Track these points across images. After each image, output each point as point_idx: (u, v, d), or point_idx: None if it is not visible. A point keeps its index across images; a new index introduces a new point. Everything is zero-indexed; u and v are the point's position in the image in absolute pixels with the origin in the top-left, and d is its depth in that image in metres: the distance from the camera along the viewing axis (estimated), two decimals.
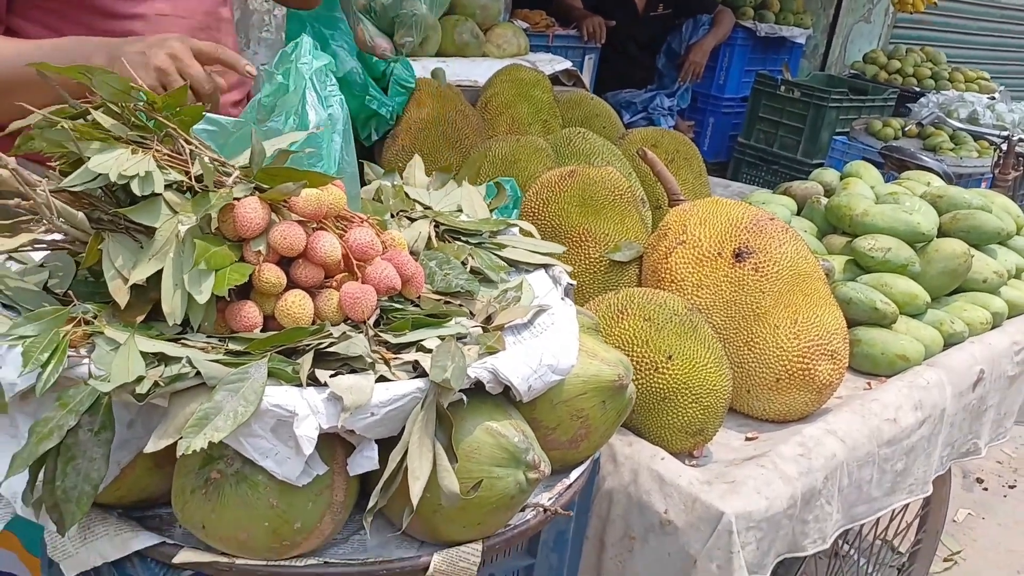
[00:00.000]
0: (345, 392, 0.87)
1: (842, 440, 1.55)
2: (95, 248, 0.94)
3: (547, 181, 1.85)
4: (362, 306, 0.99)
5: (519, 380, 1.00)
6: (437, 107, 2.34)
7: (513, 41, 3.25)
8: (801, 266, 1.65)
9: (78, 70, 0.95)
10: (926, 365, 1.86)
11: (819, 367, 1.58)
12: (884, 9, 6.47)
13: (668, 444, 1.47)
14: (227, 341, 0.93)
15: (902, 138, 4.38)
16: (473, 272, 1.22)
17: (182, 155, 1.01)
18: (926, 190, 2.41)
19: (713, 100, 5.74)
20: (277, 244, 0.97)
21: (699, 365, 1.46)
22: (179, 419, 0.84)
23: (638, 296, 1.54)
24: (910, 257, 2.02)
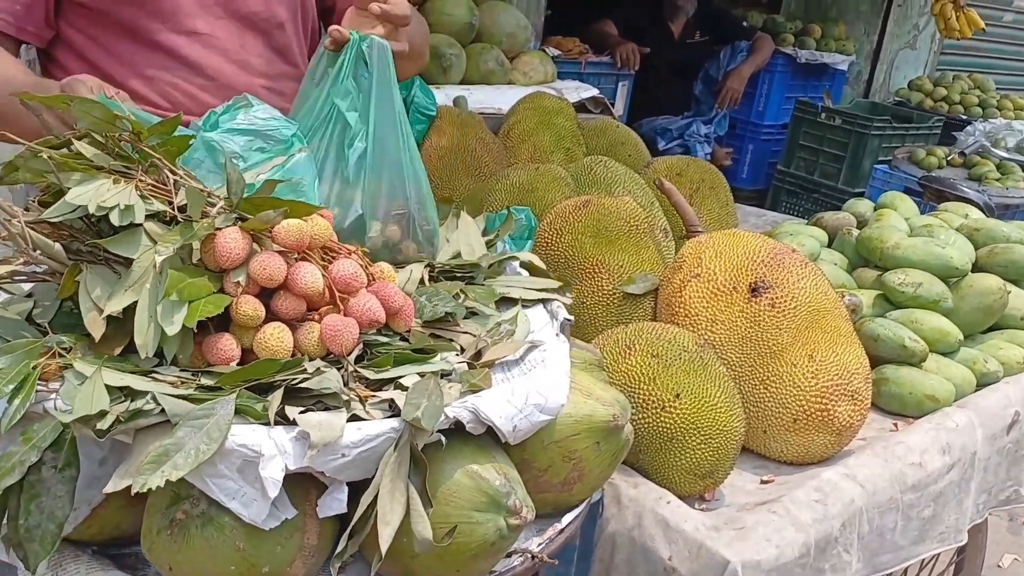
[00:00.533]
0: (313, 428, 0.84)
1: (861, 485, 1.48)
2: (71, 280, 0.93)
3: (561, 211, 1.81)
4: (343, 340, 0.97)
5: (502, 420, 0.96)
6: (457, 135, 2.32)
7: (540, 69, 3.24)
8: (820, 302, 1.58)
9: (62, 99, 0.94)
10: (956, 406, 1.77)
11: (838, 408, 1.51)
12: (930, 35, 6.34)
13: (676, 486, 1.42)
14: (200, 375, 0.91)
15: (946, 167, 4.26)
16: (463, 305, 1.19)
17: (167, 185, 1.00)
18: (963, 222, 2.32)
19: (752, 127, 5.67)
20: (256, 275, 0.95)
21: (708, 404, 1.40)
22: (141, 458, 0.82)
23: (646, 331, 1.49)
24: (942, 292, 1.94)
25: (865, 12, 6.03)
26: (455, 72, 2.92)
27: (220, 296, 0.92)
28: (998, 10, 6.74)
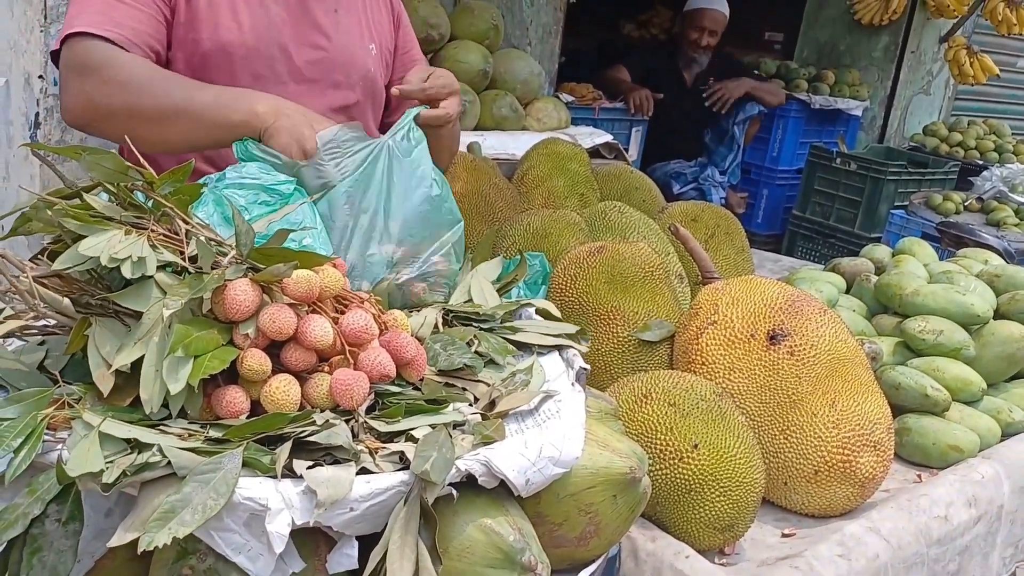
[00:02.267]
0: (321, 485, 0.82)
1: (886, 539, 1.44)
2: (80, 334, 0.92)
3: (575, 257, 1.80)
4: (353, 394, 0.95)
5: (515, 473, 0.94)
6: (471, 181, 2.32)
7: (554, 115, 3.26)
8: (840, 350, 1.56)
9: (74, 150, 0.94)
10: (981, 457, 1.73)
11: (861, 459, 1.48)
12: (944, 81, 6.36)
13: (695, 540, 1.38)
14: (208, 427, 0.90)
15: (963, 212, 4.23)
16: (479, 355, 1.17)
17: (178, 235, 0.99)
18: (983, 269, 2.29)
19: (767, 172, 5.67)
20: (266, 328, 0.94)
21: (727, 455, 1.37)
22: (147, 511, 0.81)
23: (663, 379, 1.47)
24: (964, 340, 1.91)
25: (878, 58, 6.06)
26: (469, 118, 2.94)
27: (226, 350, 0.91)
28: (1012, 56, 6.76)
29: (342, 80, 1.74)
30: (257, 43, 1.60)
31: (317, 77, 1.70)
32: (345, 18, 1.76)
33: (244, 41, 1.58)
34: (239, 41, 1.58)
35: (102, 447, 0.83)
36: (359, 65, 1.77)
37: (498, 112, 3.08)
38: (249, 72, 1.60)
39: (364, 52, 1.79)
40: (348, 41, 1.75)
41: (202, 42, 1.56)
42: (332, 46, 1.71)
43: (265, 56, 1.61)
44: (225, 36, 1.57)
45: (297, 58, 1.66)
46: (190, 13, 1.55)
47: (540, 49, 4.06)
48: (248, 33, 1.59)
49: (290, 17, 1.65)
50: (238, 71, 1.59)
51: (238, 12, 1.59)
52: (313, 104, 1.69)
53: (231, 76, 1.59)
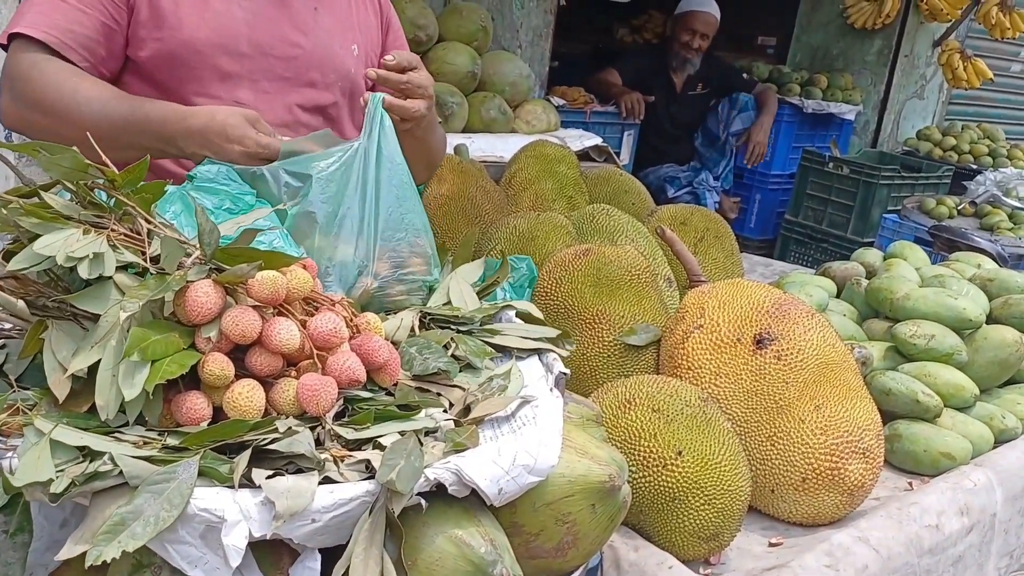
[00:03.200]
0: (280, 496, 0.78)
1: (875, 549, 1.40)
2: (35, 338, 0.88)
3: (561, 260, 1.77)
4: (319, 400, 0.92)
5: (487, 482, 0.90)
6: (458, 183, 2.29)
7: (543, 117, 3.23)
8: (828, 354, 1.52)
9: (32, 147, 0.91)
10: (973, 465, 1.69)
11: (850, 466, 1.45)
12: (938, 85, 6.34)
13: (679, 549, 1.34)
14: (166, 435, 0.86)
15: (957, 217, 4.21)
16: (456, 359, 1.14)
17: (140, 235, 0.96)
18: (976, 273, 2.26)
19: (759, 176, 5.65)
20: (229, 331, 0.91)
21: (712, 463, 1.34)
22: (97, 522, 0.77)
23: (647, 384, 1.44)
24: (955, 345, 1.87)
25: (871, 62, 6.05)
26: (457, 120, 2.91)
27: (186, 354, 0.88)
28: (1006, 60, 6.75)
29: (318, 79, 1.71)
30: (226, 40, 1.57)
31: (291, 75, 1.67)
32: (325, 17, 1.73)
33: (210, 39, 1.55)
34: (205, 39, 1.54)
35: (53, 455, 0.80)
36: (337, 65, 1.73)
37: (487, 114, 3.05)
38: (216, 70, 1.57)
39: (344, 52, 1.75)
40: (327, 40, 1.72)
41: (166, 40, 1.52)
42: (309, 44, 1.68)
43: (233, 53, 1.58)
44: (190, 34, 1.53)
45: (271, 55, 1.63)
46: (152, 11, 1.52)
47: (530, 52, 4.04)
48: (216, 31, 1.56)
49: (267, 14, 1.62)
50: (205, 69, 1.56)
51: (206, 9, 1.55)
52: (285, 101, 1.66)
53: (197, 74, 1.55)
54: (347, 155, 1.28)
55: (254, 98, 1.61)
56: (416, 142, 1.63)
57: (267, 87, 1.61)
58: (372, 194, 1.26)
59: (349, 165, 1.28)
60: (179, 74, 1.52)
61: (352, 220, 1.24)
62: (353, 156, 1.28)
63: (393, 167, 1.26)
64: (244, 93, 1.60)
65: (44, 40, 1.43)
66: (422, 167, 1.84)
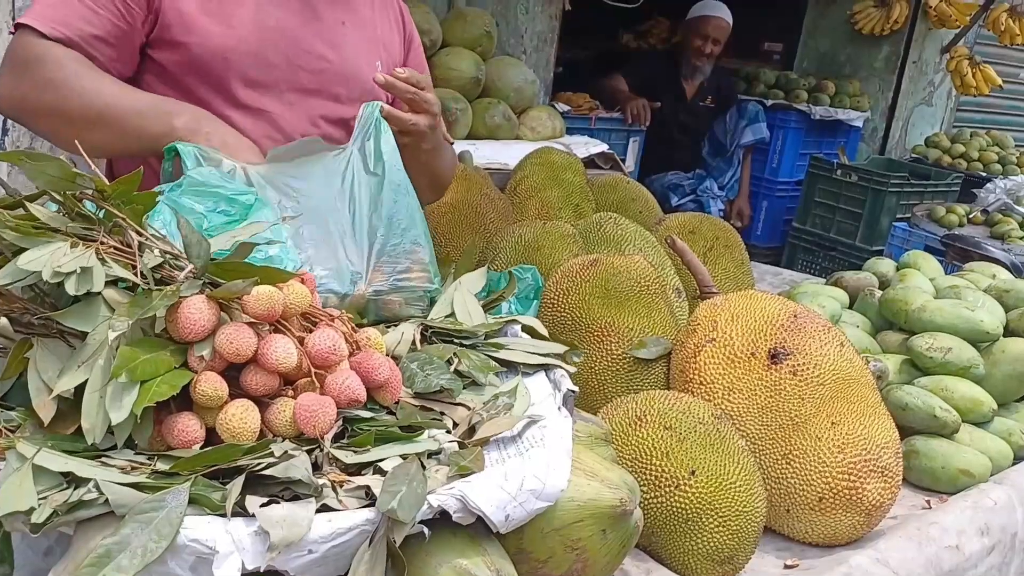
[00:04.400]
0: (275, 526, 0.74)
1: (895, 572, 1.36)
2: (19, 357, 0.84)
3: (568, 270, 1.73)
4: (317, 422, 0.87)
5: (493, 509, 0.86)
6: (462, 191, 2.25)
7: (548, 124, 3.19)
8: (846, 370, 1.48)
9: (16, 155, 0.87)
10: (993, 482, 1.64)
11: (868, 486, 1.40)
12: (947, 92, 6.30)
13: (692, 572, 1.30)
14: (156, 459, 0.82)
15: (967, 225, 4.16)
16: (459, 375, 1.09)
17: (131, 248, 0.92)
18: (991, 283, 2.21)
19: (767, 183, 5.61)
20: (223, 349, 0.86)
21: (726, 483, 1.29)
22: (81, 554, 0.73)
23: (659, 401, 1.39)
24: (973, 358, 1.83)
25: (879, 69, 6.01)
26: (461, 127, 2.87)
27: (178, 373, 0.83)
28: (1015, 67, 6.71)
29: (343, 93, 1.69)
30: (255, 50, 1.55)
31: (318, 88, 1.65)
32: (352, 32, 1.71)
33: (239, 48, 1.54)
34: (235, 48, 1.53)
35: (36, 482, 0.75)
36: (362, 80, 1.71)
37: (491, 120, 3.01)
38: (244, 79, 1.55)
39: (369, 67, 1.73)
40: (353, 55, 1.70)
41: (194, 47, 1.51)
42: (337, 58, 1.67)
43: (263, 64, 1.57)
44: (220, 42, 1.52)
45: (299, 68, 1.62)
46: (180, 17, 1.50)
47: (535, 57, 4.00)
48: (246, 40, 1.54)
49: (296, 26, 1.61)
50: (233, 77, 1.54)
51: (236, 18, 1.54)
52: (310, 113, 1.64)
53: (224, 82, 1.54)
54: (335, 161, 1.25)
55: (279, 108, 1.60)
56: (420, 165, 1.61)
57: (292, 98, 1.60)
58: (364, 200, 1.22)
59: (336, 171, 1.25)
60: (206, 80, 1.51)
61: (340, 225, 1.20)
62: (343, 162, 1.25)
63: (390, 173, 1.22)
64: (270, 102, 1.59)
65: (50, 35, 1.40)
66: (427, 189, 1.80)
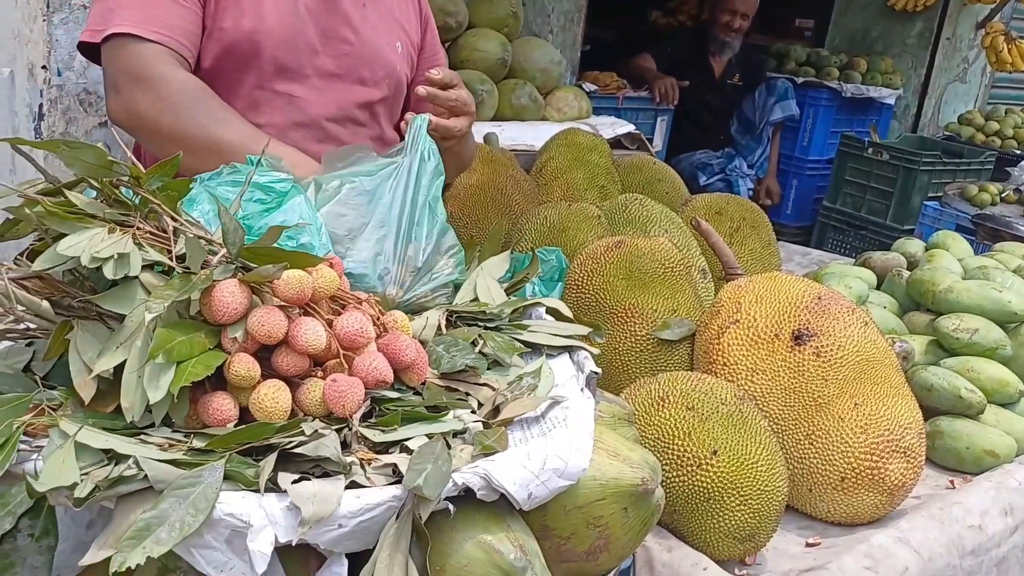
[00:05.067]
0: (306, 502, 0.77)
1: (916, 551, 1.37)
2: (60, 338, 0.87)
3: (593, 252, 1.74)
4: (346, 402, 0.90)
5: (516, 487, 0.88)
6: (488, 173, 2.27)
7: (574, 104, 3.19)
8: (870, 351, 1.48)
9: (55, 144, 0.90)
10: (1018, 463, 1.65)
11: (890, 466, 1.41)
12: (981, 68, 6.18)
13: (714, 550, 1.32)
14: (192, 437, 0.85)
15: (1000, 204, 4.09)
16: (484, 355, 1.12)
17: (166, 233, 0.95)
18: (1020, 264, 2.19)
19: (797, 162, 5.55)
20: (255, 331, 0.89)
21: (748, 462, 1.31)
22: (122, 527, 0.76)
23: (681, 382, 1.41)
24: (1000, 339, 1.82)
25: (912, 45, 5.90)
26: (487, 108, 2.87)
27: (212, 355, 0.87)
28: None
29: (367, 76, 1.72)
30: (283, 34, 1.58)
31: (342, 72, 1.68)
32: (373, 14, 1.73)
33: (270, 31, 1.56)
34: (265, 31, 1.56)
35: (78, 458, 0.79)
36: (385, 62, 1.74)
37: (517, 102, 3.02)
38: (275, 63, 1.58)
39: (390, 49, 1.76)
40: (375, 37, 1.72)
41: (227, 31, 1.54)
42: (359, 41, 1.69)
43: (291, 48, 1.59)
44: (249, 25, 1.54)
45: (323, 52, 1.64)
46: (216, 3, 1.53)
47: (562, 37, 3.99)
48: (274, 24, 1.57)
49: (318, 10, 1.63)
50: (264, 61, 1.57)
51: (264, 4, 1.56)
52: (336, 96, 1.66)
53: (257, 66, 1.57)
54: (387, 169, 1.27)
55: (306, 93, 1.63)
56: (453, 156, 1.66)
57: (318, 83, 1.63)
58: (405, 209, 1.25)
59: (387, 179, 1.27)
60: (237, 65, 1.54)
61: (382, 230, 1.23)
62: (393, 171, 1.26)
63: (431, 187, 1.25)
64: (297, 87, 1.61)
65: (163, 43, 1.42)
66: (454, 171, 1.90)
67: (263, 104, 1.55)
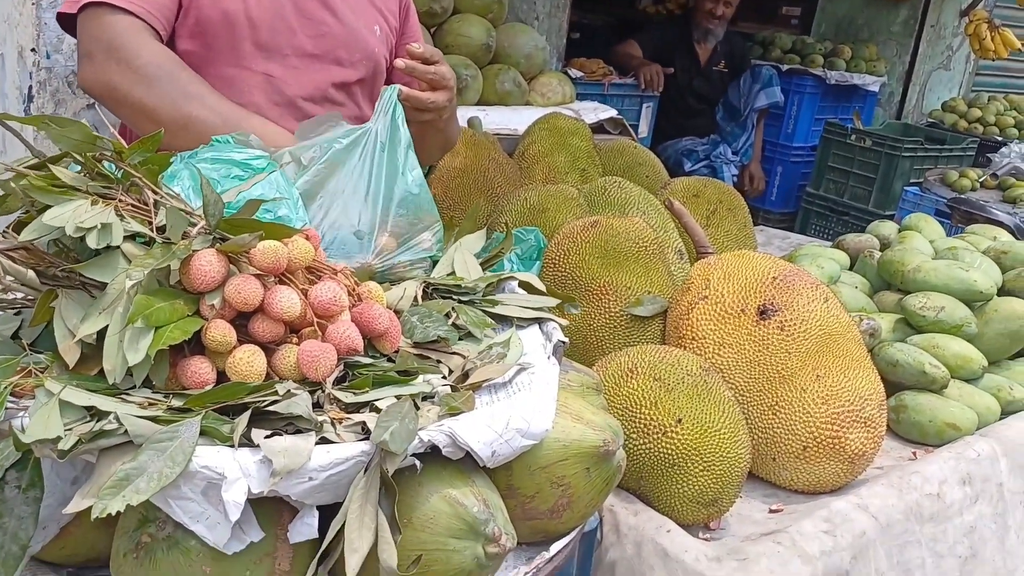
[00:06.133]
0: (277, 455, 0.81)
1: (874, 516, 1.42)
2: (45, 306, 0.92)
3: (569, 231, 1.79)
4: (318, 365, 0.95)
5: (481, 445, 0.93)
6: (471, 156, 2.31)
7: (558, 90, 3.23)
8: (832, 325, 1.54)
9: (40, 120, 0.94)
10: (978, 435, 1.70)
11: (850, 435, 1.46)
12: (965, 56, 6.23)
13: (678, 514, 1.37)
14: (171, 397, 0.90)
15: (980, 190, 4.15)
16: (457, 328, 1.16)
17: (147, 206, 0.99)
18: (990, 245, 2.25)
19: (781, 149, 5.60)
20: (232, 298, 0.94)
21: (711, 430, 1.36)
22: (103, 478, 0.81)
23: (649, 354, 1.46)
24: (965, 317, 1.88)
25: (897, 33, 5.95)
26: (471, 93, 2.91)
27: (189, 320, 0.91)
28: None
29: (344, 57, 1.74)
30: (261, 14, 1.60)
31: (320, 52, 1.70)
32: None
33: (248, 11, 1.59)
34: (243, 10, 1.58)
35: (63, 414, 0.83)
36: (362, 44, 1.76)
37: (501, 87, 3.05)
38: (253, 42, 1.61)
39: (368, 32, 1.79)
40: (353, 19, 1.75)
41: (205, 9, 1.56)
42: (337, 23, 1.72)
43: (269, 28, 1.62)
44: (227, 4, 1.57)
45: (301, 33, 1.66)
46: None
47: (548, 24, 4.02)
48: (252, 4, 1.59)
49: None
50: (242, 40, 1.60)
51: None
52: (313, 77, 1.69)
53: (235, 45, 1.59)
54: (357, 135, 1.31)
55: (284, 72, 1.65)
56: (437, 132, 1.70)
57: (296, 63, 1.65)
58: (378, 175, 1.29)
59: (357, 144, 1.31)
60: (213, 45, 1.56)
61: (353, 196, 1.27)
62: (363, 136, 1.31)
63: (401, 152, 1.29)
64: (274, 67, 1.64)
65: (137, 13, 1.44)
66: (439, 151, 1.92)
67: (240, 83, 1.58)
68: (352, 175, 1.32)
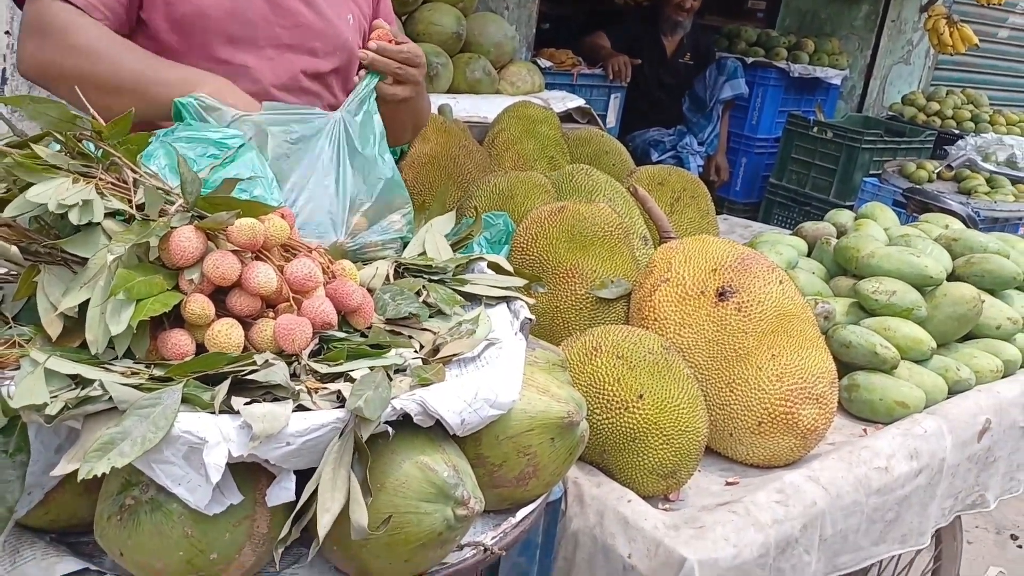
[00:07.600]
0: (257, 420, 0.86)
1: (824, 488, 1.49)
2: (28, 281, 0.95)
3: (537, 216, 1.84)
4: (295, 338, 0.99)
5: (450, 414, 0.98)
6: (441, 143, 2.35)
7: (528, 79, 3.27)
8: (787, 307, 1.60)
9: (19, 99, 0.97)
10: (926, 413, 1.78)
11: (803, 411, 1.53)
12: (925, 51, 6.38)
13: (639, 486, 1.43)
14: (152, 367, 0.93)
15: (936, 181, 4.28)
16: (427, 305, 1.21)
17: (127, 184, 1.02)
18: (942, 233, 2.33)
19: (746, 140, 5.70)
20: (210, 273, 0.97)
21: (671, 405, 1.42)
22: (89, 442, 0.84)
23: (613, 333, 1.51)
24: (916, 301, 1.95)
25: (859, 27, 6.07)
26: (442, 81, 2.95)
27: (169, 294, 0.94)
28: (993, 26, 6.78)
29: (319, 48, 1.76)
30: (234, 6, 1.62)
31: (294, 43, 1.72)
32: None
33: (221, 5, 1.60)
34: (215, 3, 1.59)
35: (48, 383, 0.86)
36: (336, 34, 1.78)
37: (471, 75, 3.09)
38: (225, 35, 1.62)
39: (342, 21, 1.81)
40: (327, 9, 1.77)
41: (177, 4, 1.57)
42: (311, 13, 1.73)
43: (242, 20, 1.63)
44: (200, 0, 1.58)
45: (275, 24, 1.68)
46: None
47: (518, 13, 4.06)
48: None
49: None
50: (214, 34, 1.61)
51: None
52: (288, 67, 1.72)
53: (205, 38, 1.60)
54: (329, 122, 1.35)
55: (258, 63, 1.66)
56: (409, 110, 1.73)
57: (271, 54, 1.67)
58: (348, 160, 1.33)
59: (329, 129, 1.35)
60: (188, 38, 1.58)
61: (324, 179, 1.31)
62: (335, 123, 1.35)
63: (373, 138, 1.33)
64: (250, 58, 1.65)
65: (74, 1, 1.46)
66: (409, 129, 1.94)
67: (216, 74, 1.60)
68: (323, 159, 1.36)
